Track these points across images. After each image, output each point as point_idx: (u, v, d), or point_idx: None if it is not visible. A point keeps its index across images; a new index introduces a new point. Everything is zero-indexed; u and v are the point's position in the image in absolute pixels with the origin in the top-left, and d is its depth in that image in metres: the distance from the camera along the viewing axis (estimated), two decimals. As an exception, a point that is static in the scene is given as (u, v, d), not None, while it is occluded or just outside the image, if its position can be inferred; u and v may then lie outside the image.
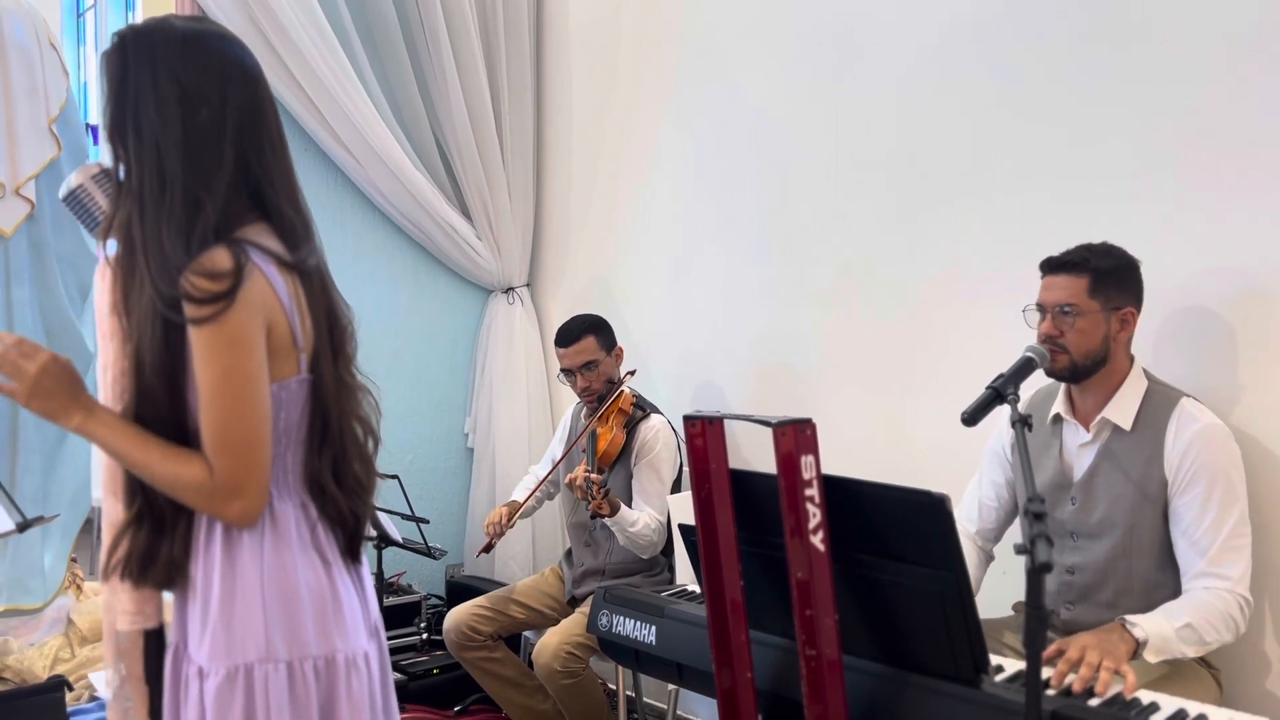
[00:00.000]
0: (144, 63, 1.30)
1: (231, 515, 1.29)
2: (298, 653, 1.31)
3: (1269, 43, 2.00)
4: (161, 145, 1.28)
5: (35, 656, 2.94)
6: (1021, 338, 1.96)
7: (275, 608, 1.31)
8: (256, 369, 1.28)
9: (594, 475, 2.59)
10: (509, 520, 2.85)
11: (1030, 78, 2.38)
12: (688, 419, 1.51)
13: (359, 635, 1.39)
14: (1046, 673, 1.56)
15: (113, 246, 1.35)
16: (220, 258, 1.25)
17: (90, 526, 3.35)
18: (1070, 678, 1.56)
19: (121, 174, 1.32)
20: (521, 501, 2.95)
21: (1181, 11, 2.12)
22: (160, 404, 1.29)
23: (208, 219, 1.27)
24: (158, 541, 1.32)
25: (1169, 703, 1.49)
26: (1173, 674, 1.84)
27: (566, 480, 2.68)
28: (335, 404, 1.39)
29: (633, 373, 2.93)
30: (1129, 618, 1.72)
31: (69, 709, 2.72)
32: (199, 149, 1.29)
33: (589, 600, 2.73)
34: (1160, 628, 1.71)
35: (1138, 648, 1.68)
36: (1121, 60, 2.22)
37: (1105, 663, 1.55)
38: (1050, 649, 1.64)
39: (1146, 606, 1.83)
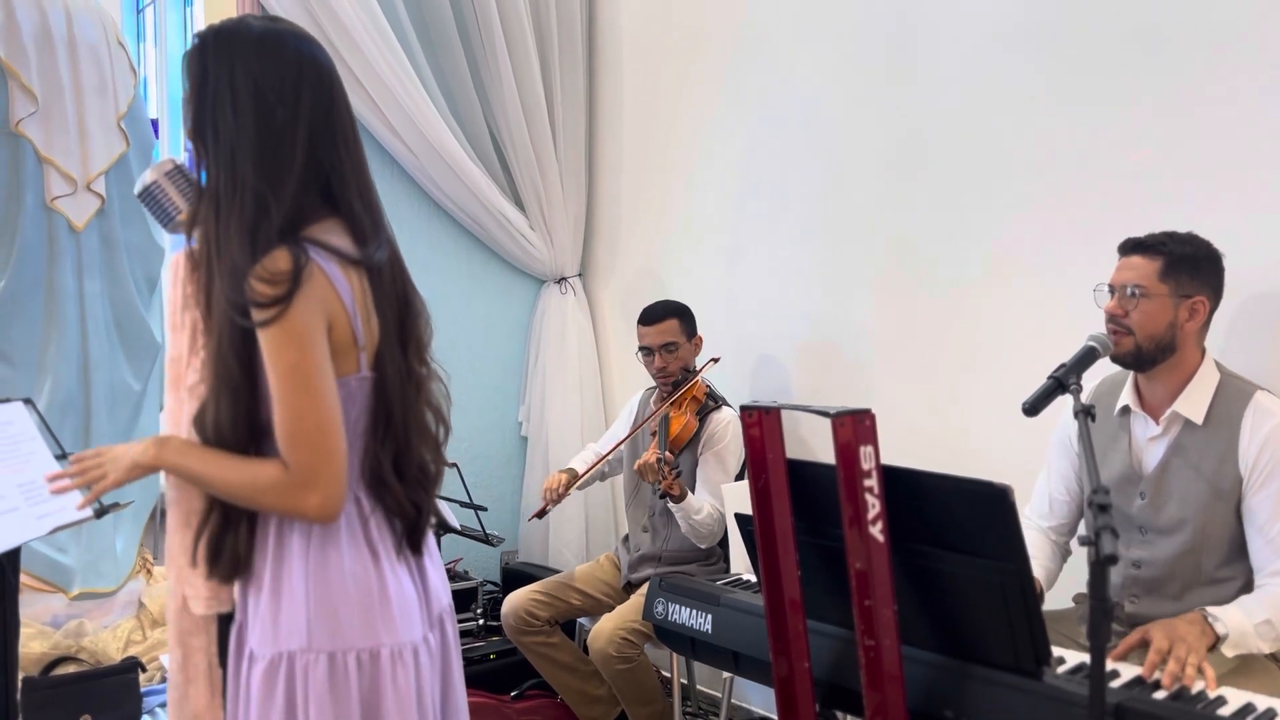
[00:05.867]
0: (223, 64, 1.32)
1: (311, 509, 1.30)
2: (340, 645, 1.33)
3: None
4: (235, 147, 1.31)
5: (109, 638, 3.03)
6: (1081, 324, 1.93)
7: (318, 602, 1.33)
8: (321, 362, 1.30)
9: (666, 455, 2.62)
10: (566, 488, 2.86)
11: (1096, 63, 2.33)
12: (744, 409, 1.51)
13: (410, 627, 1.38)
14: (1111, 664, 1.54)
15: (183, 242, 1.39)
16: (280, 260, 1.27)
17: (156, 512, 3.44)
18: (1157, 673, 1.54)
19: (204, 175, 1.35)
20: (581, 472, 2.95)
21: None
22: (241, 394, 1.32)
23: (272, 221, 1.29)
24: (224, 534, 1.36)
25: (1236, 696, 1.47)
26: (1239, 667, 1.81)
27: (636, 466, 2.68)
28: (400, 398, 1.40)
29: (716, 359, 2.91)
30: (1210, 610, 1.70)
31: (142, 689, 2.81)
32: (271, 150, 1.31)
33: (645, 586, 2.75)
34: (1240, 623, 1.69)
35: (1217, 642, 1.66)
36: (1194, 47, 2.17)
37: (1191, 659, 1.54)
38: (1134, 637, 1.63)
39: (1213, 598, 1.81)
